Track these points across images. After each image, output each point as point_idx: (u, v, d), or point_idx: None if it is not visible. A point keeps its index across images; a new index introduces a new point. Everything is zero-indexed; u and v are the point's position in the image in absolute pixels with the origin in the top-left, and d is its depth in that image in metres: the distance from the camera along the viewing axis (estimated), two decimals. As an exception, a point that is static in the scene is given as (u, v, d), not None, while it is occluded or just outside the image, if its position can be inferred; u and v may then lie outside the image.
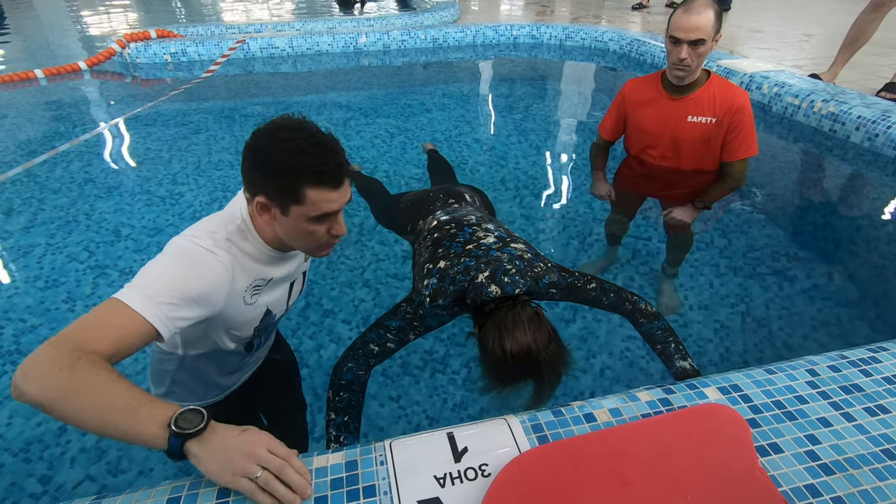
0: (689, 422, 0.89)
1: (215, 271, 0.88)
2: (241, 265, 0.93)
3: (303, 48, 5.54)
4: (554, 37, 5.87)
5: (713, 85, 1.76)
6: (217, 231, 0.92)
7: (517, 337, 1.00)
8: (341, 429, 1.03)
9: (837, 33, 3.67)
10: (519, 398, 1.05)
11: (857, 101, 3.03)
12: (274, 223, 0.92)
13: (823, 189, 2.92)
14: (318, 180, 0.86)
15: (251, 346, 1.10)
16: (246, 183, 0.91)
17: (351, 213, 2.68)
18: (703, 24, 1.59)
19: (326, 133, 0.89)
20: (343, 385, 1.08)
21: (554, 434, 0.88)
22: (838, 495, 0.78)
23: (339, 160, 0.88)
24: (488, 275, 1.13)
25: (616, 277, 2.21)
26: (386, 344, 1.15)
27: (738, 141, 1.77)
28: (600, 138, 2.07)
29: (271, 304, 1.05)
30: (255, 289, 0.98)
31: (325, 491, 0.79)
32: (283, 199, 0.87)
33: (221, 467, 0.71)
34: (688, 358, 1.15)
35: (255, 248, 0.96)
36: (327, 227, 0.92)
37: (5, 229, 2.55)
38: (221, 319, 0.94)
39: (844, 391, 0.95)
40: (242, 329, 1.01)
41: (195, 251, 0.87)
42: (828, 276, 2.22)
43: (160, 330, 0.80)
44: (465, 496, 0.77)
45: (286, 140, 0.84)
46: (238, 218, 0.95)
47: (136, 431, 0.70)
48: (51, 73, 4.83)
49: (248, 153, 0.88)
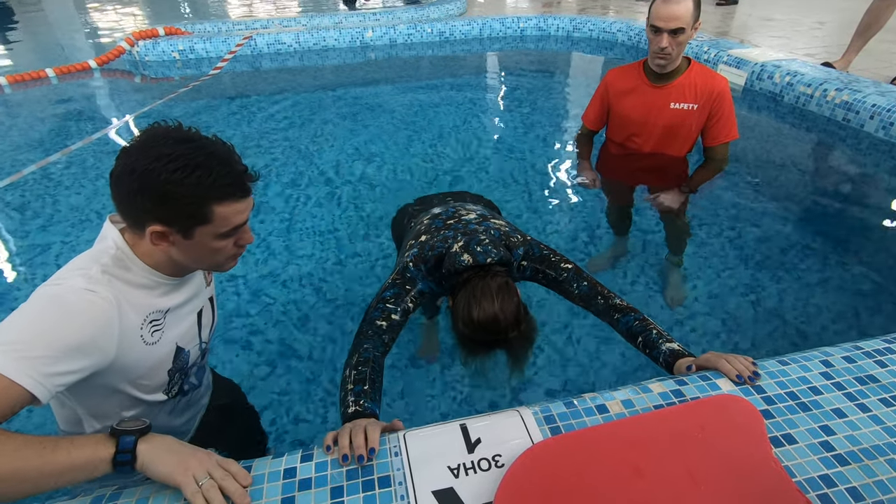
0: (703, 413, 0.89)
1: (96, 310, 0.74)
2: (127, 298, 0.80)
3: (309, 43, 5.54)
4: (561, 28, 5.82)
5: (694, 72, 1.82)
6: (89, 267, 0.78)
7: (484, 306, 1.03)
8: (360, 395, 0.97)
9: (850, 20, 3.61)
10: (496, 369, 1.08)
11: (871, 89, 2.98)
12: (171, 249, 0.81)
13: (837, 179, 2.88)
14: (224, 195, 0.77)
15: (179, 392, 0.97)
16: (129, 212, 0.78)
17: (359, 206, 2.69)
18: (682, 14, 1.64)
19: (213, 138, 0.80)
20: (361, 362, 1.03)
21: (566, 425, 0.89)
22: (853, 486, 0.77)
23: (240, 167, 0.80)
24: (462, 244, 1.17)
25: (626, 270, 2.21)
26: (390, 315, 1.12)
27: (720, 126, 1.85)
28: (584, 128, 2.13)
29: (180, 339, 0.91)
30: (154, 324, 0.85)
31: (341, 482, 0.80)
32: (185, 222, 0.78)
33: (174, 463, 0.73)
34: (673, 340, 1.08)
35: (140, 276, 0.82)
36: (235, 239, 0.85)
37: (23, 228, 2.59)
38: (121, 368, 0.80)
39: (859, 382, 0.95)
40: (152, 376, 0.88)
41: (66, 294, 0.74)
42: (842, 266, 2.20)
43: (34, 392, 0.67)
44: (479, 486, 0.78)
45: (175, 157, 0.73)
46: (112, 247, 0.81)
47: (68, 462, 0.66)
48: (62, 72, 4.87)
49: (126, 179, 0.74)
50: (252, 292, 2.14)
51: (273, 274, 2.24)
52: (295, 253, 2.38)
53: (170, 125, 0.79)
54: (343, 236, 2.49)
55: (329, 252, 2.38)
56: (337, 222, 2.59)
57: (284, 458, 0.84)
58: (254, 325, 1.98)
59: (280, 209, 2.68)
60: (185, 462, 0.74)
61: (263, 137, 3.48)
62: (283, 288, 2.17)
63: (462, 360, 1.12)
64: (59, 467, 0.66)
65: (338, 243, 2.44)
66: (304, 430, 1.62)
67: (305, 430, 1.62)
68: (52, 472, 0.66)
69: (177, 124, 0.79)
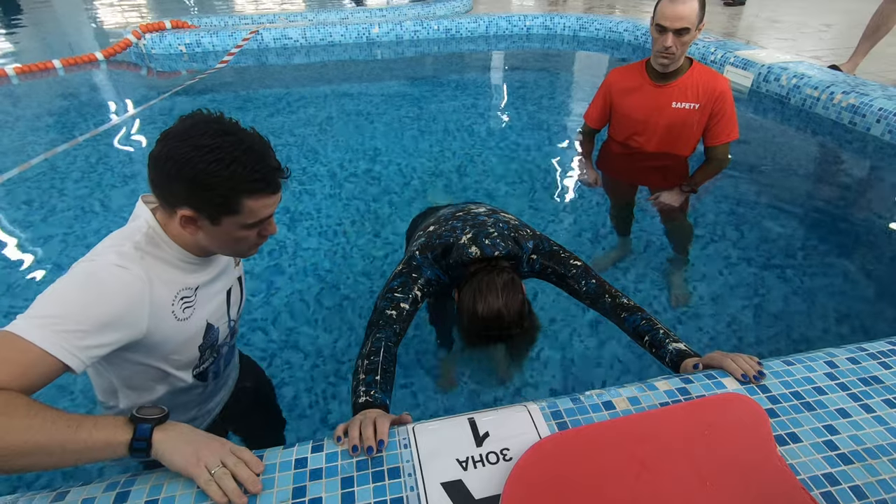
0: (709, 411, 0.90)
1: (128, 286, 0.78)
2: (159, 275, 0.84)
3: (316, 38, 5.54)
4: (568, 27, 5.81)
5: (696, 72, 1.83)
6: (122, 244, 0.82)
7: (489, 301, 1.03)
8: (371, 385, 0.97)
9: (858, 23, 3.60)
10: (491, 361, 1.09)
11: (878, 92, 2.98)
12: (198, 233, 0.84)
13: (843, 182, 2.88)
14: (255, 189, 0.80)
15: (205, 374, 1.00)
16: (162, 195, 0.82)
17: (366, 201, 2.71)
18: (687, 14, 1.65)
19: (251, 132, 0.82)
20: (372, 352, 1.03)
21: (573, 421, 0.90)
22: (857, 484, 0.78)
23: (274, 163, 0.82)
24: (471, 236, 1.17)
25: (629, 270, 2.21)
26: (399, 304, 1.12)
27: (722, 126, 1.86)
28: (586, 126, 2.14)
29: (210, 316, 0.96)
30: (185, 301, 0.89)
31: (352, 472, 0.81)
32: (214, 211, 0.80)
33: (188, 454, 0.74)
34: (680, 340, 1.08)
35: (170, 254, 0.86)
36: (259, 230, 0.88)
37: (28, 219, 2.60)
38: (153, 343, 0.84)
39: (864, 383, 0.96)
40: (183, 351, 0.92)
41: (99, 270, 0.77)
42: (846, 270, 2.20)
43: (68, 363, 0.72)
44: (487, 479, 0.79)
45: (213, 149, 0.76)
46: (144, 226, 0.85)
47: (90, 442, 0.69)
48: (68, 64, 4.88)
49: (164, 164, 0.77)
50: (257, 285, 2.15)
51: (279, 267, 2.26)
52: (300, 245, 2.40)
53: (212, 114, 0.81)
54: (349, 231, 2.50)
55: (337, 246, 2.40)
56: (342, 216, 2.61)
57: (296, 449, 0.85)
58: (254, 322, 1.99)
59: (285, 201, 2.70)
60: (198, 452, 0.75)
61: (269, 132, 3.48)
62: (289, 281, 2.18)
63: (461, 348, 1.14)
64: (81, 445, 0.69)
65: (344, 238, 2.46)
66: (306, 426, 1.62)
67: (306, 425, 1.63)
68: (74, 450, 0.69)
69: (219, 114, 0.81)
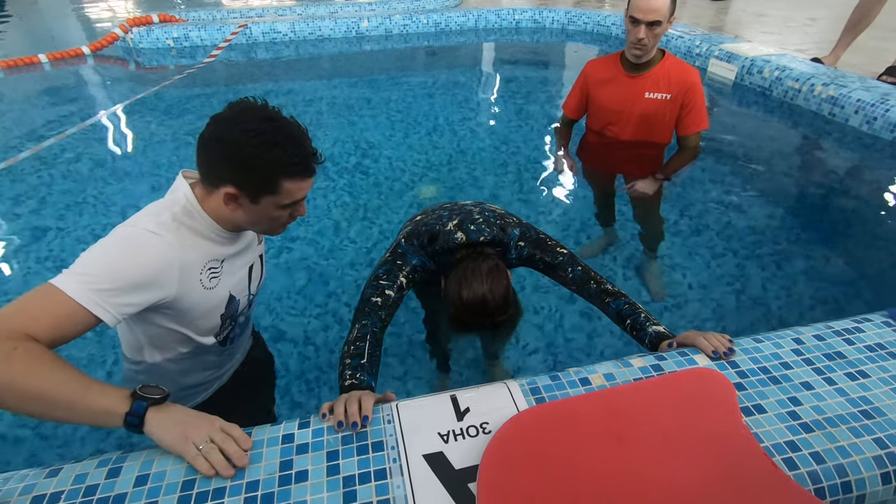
0: (680, 384, 0.94)
1: (160, 252, 0.86)
2: (191, 244, 0.91)
3: (305, 33, 5.52)
4: (556, 21, 5.84)
5: (668, 63, 1.90)
6: (160, 213, 0.90)
7: (474, 287, 1.06)
8: (357, 368, 1.01)
9: (842, 16, 3.66)
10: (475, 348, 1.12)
11: (856, 84, 3.04)
12: (238, 210, 0.92)
13: (822, 172, 2.95)
14: (293, 172, 0.88)
15: (225, 340, 1.09)
16: (209, 173, 0.90)
17: (355, 194, 2.73)
18: (659, 7, 1.73)
19: (291, 120, 0.90)
20: (358, 337, 1.06)
21: (551, 396, 0.93)
22: (816, 450, 0.83)
23: (311, 149, 0.90)
24: (457, 223, 1.21)
25: (615, 259, 2.26)
26: (384, 292, 1.15)
27: (693, 116, 1.93)
28: (564, 116, 2.21)
29: (233, 288, 1.04)
30: (212, 271, 0.96)
31: (337, 446, 0.84)
32: (255, 190, 0.88)
33: (175, 433, 0.78)
34: (660, 324, 1.12)
35: (203, 226, 0.93)
36: (291, 211, 0.96)
37: (14, 212, 2.60)
38: (181, 308, 0.92)
39: (828, 358, 1.00)
40: (207, 318, 1.00)
41: (136, 234, 0.85)
42: (825, 256, 2.26)
43: (102, 317, 0.79)
44: (467, 451, 0.83)
45: (258, 133, 0.84)
46: (182, 199, 0.92)
47: (93, 405, 0.74)
48: (54, 58, 4.84)
49: (214, 145, 0.87)
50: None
51: (269, 258, 2.28)
52: (290, 236, 2.41)
53: (258, 102, 0.89)
54: (339, 223, 2.53)
55: (325, 239, 2.42)
56: (332, 208, 2.63)
57: (283, 425, 0.89)
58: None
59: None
60: (185, 431, 0.78)
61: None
62: (280, 272, 2.20)
63: (447, 332, 1.16)
64: (84, 406, 0.74)
65: (333, 229, 2.48)
66: (297, 415, 1.65)
67: (298, 415, 1.65)
68: (78, 409, 0.74)
69: (263, 102, 0.89)
